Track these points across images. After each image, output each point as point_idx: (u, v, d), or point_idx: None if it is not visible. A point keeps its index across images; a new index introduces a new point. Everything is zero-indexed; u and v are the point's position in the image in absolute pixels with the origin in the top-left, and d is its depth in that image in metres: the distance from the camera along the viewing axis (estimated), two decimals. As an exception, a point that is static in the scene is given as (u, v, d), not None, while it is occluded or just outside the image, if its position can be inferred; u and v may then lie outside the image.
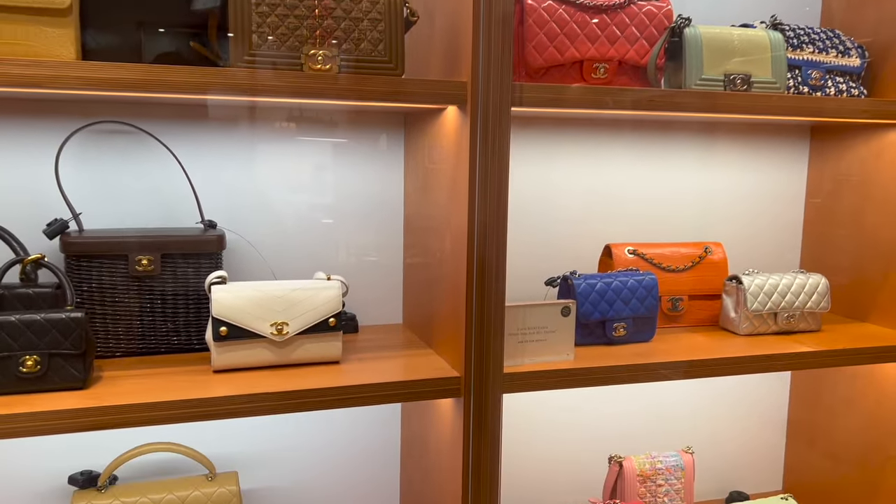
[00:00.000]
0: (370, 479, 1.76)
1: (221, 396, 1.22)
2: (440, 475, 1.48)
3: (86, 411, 1.15)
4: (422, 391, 1.34)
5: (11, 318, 1.19)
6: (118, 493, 1.46)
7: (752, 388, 2.03)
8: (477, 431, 1.34)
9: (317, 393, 1.27)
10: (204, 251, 1.42)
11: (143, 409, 1.18)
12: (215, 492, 1.50)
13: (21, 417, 1.12)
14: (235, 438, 1.65)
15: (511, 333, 1.39)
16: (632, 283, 1.56)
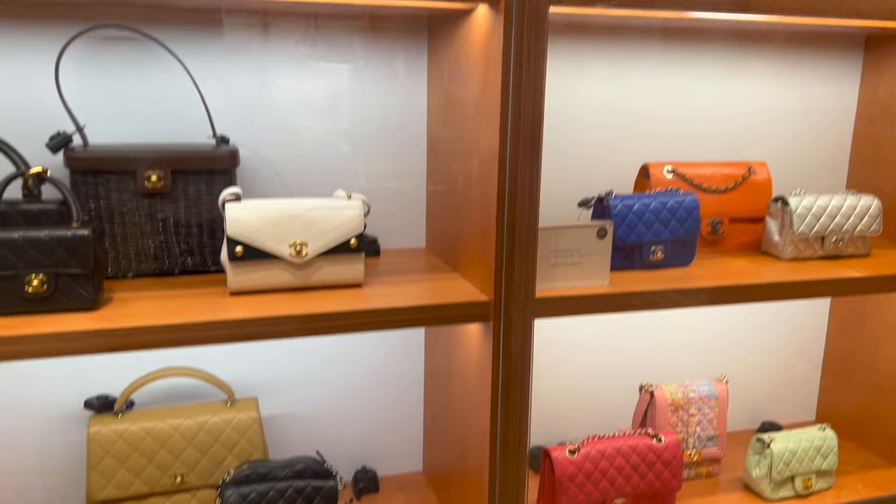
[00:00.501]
0: (392, 406, 1.71)
1: (239, 319, 1.16)
2: (466, 404, 1.42)
3: (96, 333, 1.09)
4: (449, 315, 1.27)
5: (14, 236, 1.12)
6: (135, 418, 1.42)
7: (789, 317, 1.95)
8: (507, 358, 1.27)
9: (338, 316, 1.20)
10: (216, 167, 1.34)
11: (156, 332, 1.11)
12: (234, 417, 1.46)
13: (29, 339, 1.07)
14: (254, 365, 1.60)
15: (543, 257, 1.31)
16: (672, 203, 1.46)
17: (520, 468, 1.32)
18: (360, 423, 1.69)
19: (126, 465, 1.40)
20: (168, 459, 1.42)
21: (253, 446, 1.46)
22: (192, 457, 1.43)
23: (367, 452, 1.71)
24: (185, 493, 1.44)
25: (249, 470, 1.34)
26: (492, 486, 1.32)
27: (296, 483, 1.33)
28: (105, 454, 1.39)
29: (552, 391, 1.77)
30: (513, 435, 1.31)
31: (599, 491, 1.50)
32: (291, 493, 1.32)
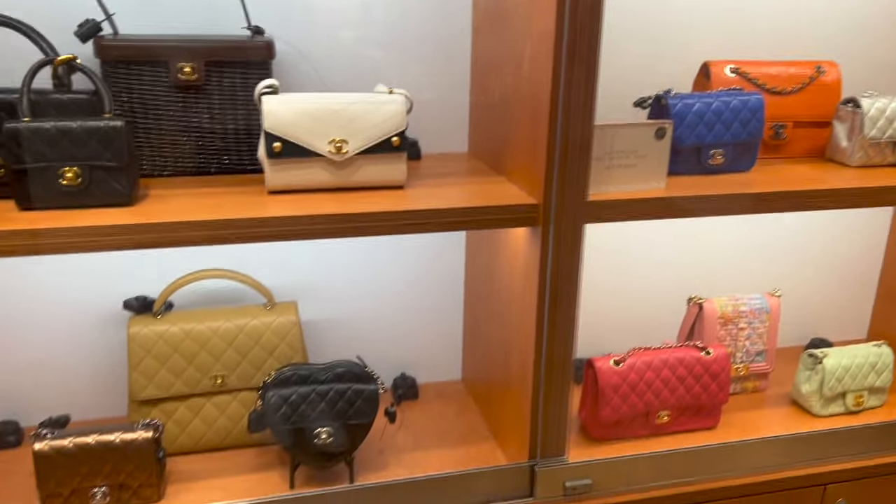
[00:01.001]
0: (432, 314, 1.68)
1: (278, 216, 1.11)
2: (510, 312, 1.38)
3: (132, 228, 1.05)
4: (495, 218, 1.21)
5: (46, 126, 1.07)
6: (174, 320, 1.41)
7: (846, 232, 1.86)
8: (555, 264, 1.22)
9: (380, 217, 1.15)
10: (252, 59, 1.27)
11: (193, 228, 1.08)
12: (274, 321, 1.44)
13: (65, 232, 1.03)
14: (293, 269, 1.56)
15: (597, 158, 1.23)
16: (735, 103, 1.37)
17: (564, 378, 1.29)
18: (400, 330, 1.67)
19: (166, 366, 1.39)
20: (208, 361, 1.41)
21: (293, 350, 1.44)
22: (232, 359, 1.41)
23: (407, 359, 1.69)
24: (226, 395, 1.43)
25: (290, 372, 1.32)
26: (535, 396, 1.29)
27: (337, 386, 1.31)
28: (146, 354, 1.38)
29: (595, 302, 1.72)
30: (558, 345, 1.26)
31: (644, 402, 1.47)
32: (332, 395, 1.31)
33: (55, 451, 1.23)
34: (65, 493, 1.25)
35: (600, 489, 1.35)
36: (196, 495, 1.32)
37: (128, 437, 1.26)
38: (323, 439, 1.30)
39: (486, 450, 1.47)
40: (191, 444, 1.43)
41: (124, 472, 1.26)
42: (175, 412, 1.41)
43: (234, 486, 1.34)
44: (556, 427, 1.31)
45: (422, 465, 1.42)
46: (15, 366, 1.48)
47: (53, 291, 1.46)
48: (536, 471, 1.31)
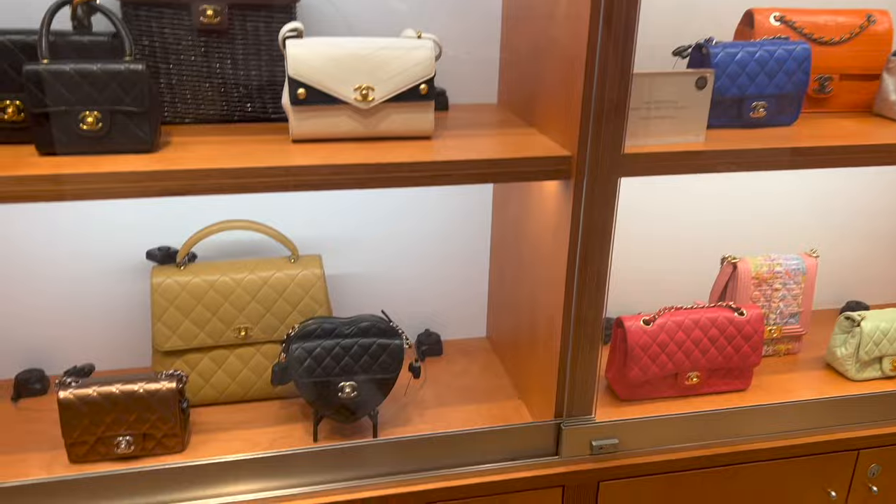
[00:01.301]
0: (458, 269, 1.65)
1: (302, 165, 1.08)
2: (538, 268, 1.34)
3: (153, 174, 1.03)
4: (526, 171, 1.16)
5: (66, 68, 1.04)
6: (197, 271, 1.39)
7: (888, 190, 1.79)
8: (587, 219, 1.18)
9: (408, 167, 1.11)
10: (276, 2, 1.22)
11: (216, 175, 1.05)
12: (298, 274, 1.41)
13: (85, 178, 1.01)
14: (317, 221, 1.54)
15: (634, 108, 1.18)
16: (780, 53, 1.30)
17: (593, 337, 1.25)
18: (425, 285, 1.64)
19: (190, 317, 1.38)
20: (232, 313, 1.39)
21: (317, 303, 1.42)
22: (255, 311, 1.40)
23: (431, 315, 1.67)
24: (250, 347, 1.42)
25: (315, 325, 1.30)
26: (562, 355, 1.26)
27: (361, 340, 1.29)
28: (169, 305, 1.37)
29: (625, 259, 1.67)
30: (588, 303, 1.23)
31: (674, 363, 1.44)
32: (357, 349, 1.29)
33: (79, 399, 1.23)
34: (90, 441, 1.25)
35: (627, 449, 1.32)
36: (219, 446, 1.31)
37: (151, 387, 1.25)
38: (347, 393, 1.28)
39: (511, 407, 1.45)
40: (214, 396, 1.42)
41: (148, 421, 1.26)
42: (199, 364, 1.40)
43: (258, 438, 1.34)
44: (583, 386, 1.29)
45: (445, 420, 1.40)
46: (40, 314, 1.48)
47: (77, 240, 1.45)
48: (563, 429, 1.29)
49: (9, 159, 1.05)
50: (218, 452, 1.29)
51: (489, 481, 1.27)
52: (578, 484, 1.32)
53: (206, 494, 1.19)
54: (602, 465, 1.31)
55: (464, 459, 1.27)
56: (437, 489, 1.25)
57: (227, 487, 1.19)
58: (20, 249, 1.43)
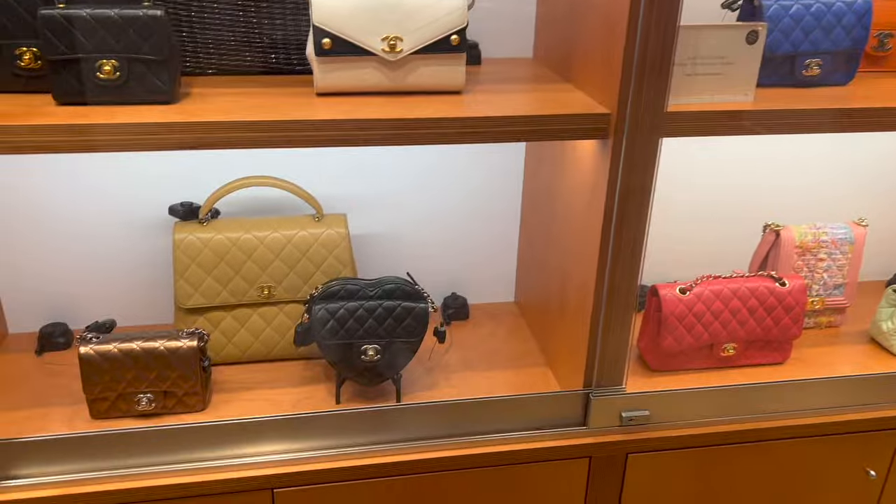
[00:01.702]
0: (486, 232, 1.60)
1: (326, 120, 1.03)
2: (571, 232, 1.29)
3: (170, 126, 0.99)
4: (561, 129, 1.10)
5: (82, 13, 1.00)
6: (220, 227, 1.36)
7: (945, 158, 1.70)
8: (625, 181, 1.11)
9: (436, 124, 1.06)
10: (301, -54, 1.16)
11: (236, 128, 1.00)
12: (323, 233, 1.38)
13: (99, 129, 0.97)
14: (343, 179, 1.49)
15: (680, 64, 1.11)
16: (838, 6, 1.21)
17: (627, 305, 1.20)
18: (452, 247, 1.60)
19: (212, 275, 1.35)
20: (254, 271, 1.36)
21: (341, 263, 1.38)
22: (279, 270, 1.37)
23: (458, 278, 1.63)
24: (273, 307, 1.39)
25: (338, 286, 1.27)
26: (594, 322, 1.21)
27: (385, 303, 1.26)
28: (191, 262, 1.34)
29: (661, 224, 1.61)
30: (622, 269, 1.17)
31: (710, 334, 1.38)
32: (381, 312, 1.25)
33: (100, 355, 1.21)
34: (111, 398, 1.24)
35: (658, 421, 1.28)
36: (241, 405, 1.30)
37: (172, 344, 1.23)
38: (370, 356, 1.25)
39: (539, 375, 1.41)
40: (237, 355, 1.40)
41: (169, 379, 1.24)
42: (221, 322, 1.38)
43: (280, 399, 1.32)
44: (614, 355, 1.24)
45: (471, 386, 1.37)
46: (64, 268, 1.47)
47: (102, 194, 1.42)
48: (591, 399, 1.24)
49: (24, 108, 1.02)
50: (239, 412, 1.28)
51: (514, 450, 1.23)
52: (606, 455, 1.28)
53: (225, 455, 1.17)
54: (631, 437, 1.27)
55: (488, 427, 1.24)
56: (460, 456, 1.22)
57: (246, 448, 1.17)
58: (44, 203, 1.41)
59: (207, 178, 1.39)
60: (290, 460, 1.18)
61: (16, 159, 1.34)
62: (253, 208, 1.47)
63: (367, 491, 1.22)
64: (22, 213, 1.41)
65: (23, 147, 0.96)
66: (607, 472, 1.29)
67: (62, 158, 1.38)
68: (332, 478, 1.19)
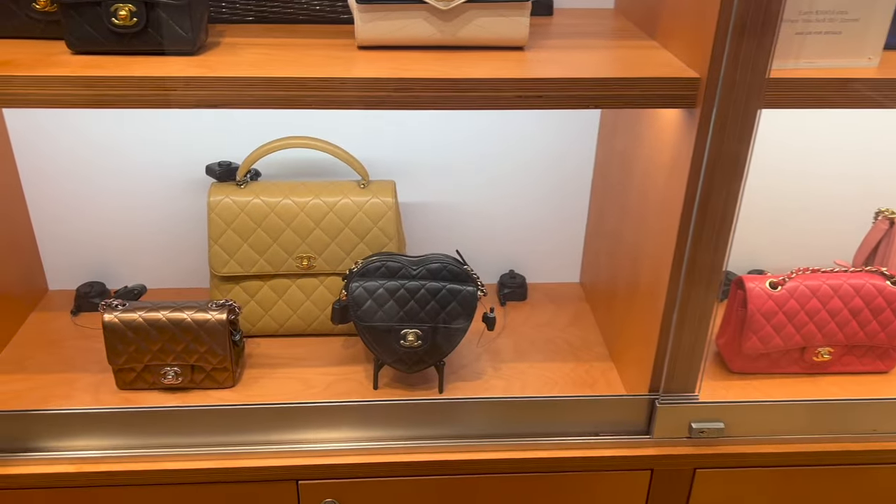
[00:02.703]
0: (551, 205, 1.44)
1: (362, 78, 0.89)
2: (648, 209, 1.12)
3: (188, 82, 0.87)
4: (641, 94, 0.93)
5: (95, -50, 0.89)
6: (258, 191, 1.25)
7: None
8: (714, 157, 0.94)
9: (491, 85, 0.91)
10: None
11: (259, 86, 0.88)
12: (368, 201, 1.25)
13: (112, 83, 0.87)
14: (391, 143, 1.36)
15: (789, 20, 0.92)
16: None
17: (708, 296, 1.03)
18: (512, 221, 1.45)
19: (249, 241, 1.25)
20: (294, 240, 1.26)
21: (387, 236, 1.26)
22: (319, 240, 1.26)
23: (516, 255, 1.48)
24: (313, 278, 1.29)
25: (378, 262, 1.15)
26: (667, 313, 1.05)
27: (429, 284, 1.13)
28: (226, 227, 1.24)
29: (750, 206, 1.42)
30: (705, 255, 1.00)
31: (802, 335, 1.20)
32: (424, 294, 1.13)
33: (124, 324, 1.14)
34: (137, 369, 1.17)
35: (734, 435, 1.12)
36: (273, 384, 1.21)
37: (200, 316, 1.15)
38: (410, 342, 1.13)
39: (599, 370, 1.27)
40: (274, 327, 1.31)
41: (196, 353, 1.16)
42: (258, 292, 1.29)
43: (314, 379, 1.22)
44: (688, 355, 1.08)
45: (522, 379, 1.23)
46: (103, 226, 1.40)
47: (143, 149, 1.34)
48: (657, 406, 1.09)
49: (35, 56, 0.92)
50: (270, 391, 1.19)
51: (566, 457, 1.10)
52: (670, 469, 1.13)
53: (248, 440, 1.08)
54: (701, 451, 1.12)
55: (538, 429, 1.11)
56: (505, 460, 1.10)
57: (272, 434, 1.08)
58: (84, 156, 1.34)
59: (252, 135, 1.28)
60: (318, 451, 1.09)
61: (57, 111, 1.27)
62: (295, 171, 1.36)
63: (398, 490, 1.11)
64: (62, 167, 1.34)
65: (29, 100, 0.87)
66: (671, 488, 1.15)
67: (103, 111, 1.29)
68: (362, 473, 1.09)
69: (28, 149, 1.32)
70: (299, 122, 1.30)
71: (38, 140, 1.32)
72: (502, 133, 1.37)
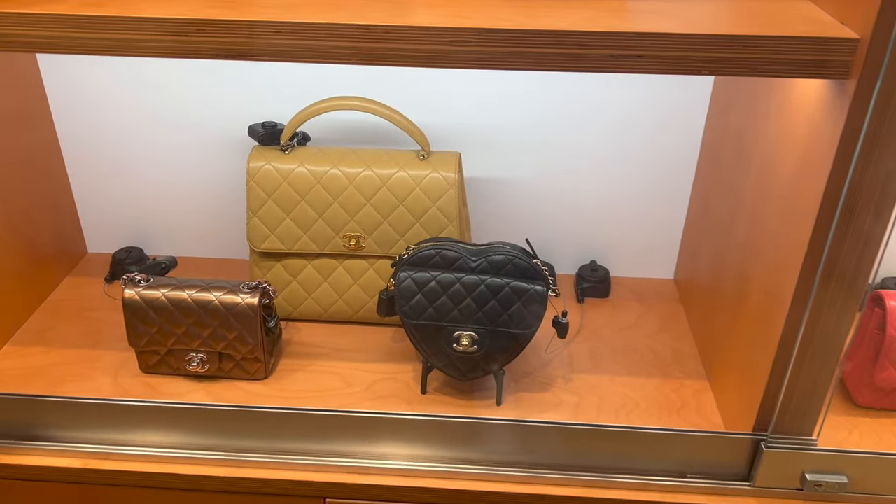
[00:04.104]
0: (643, 187, 1.23)
1: (409, 27, 0.70)
2: (772, 198, 0.90)
3: (204, 26, 0.71)
4: (773, 59, 0.71)
5: None
6: (304, 158, 1.10)
7: None
8: (871, 142, 0.71)
9: (575, 41, 0.70)
10: None
11: (285, 33, 0.71)
12: (427, 176, 1.08)
13: (112, 24, 0.72)
14: (455, 107, 1.18)
15: None
16: None
17: (847, 311, 0.81)
18: (595, 204, 1.24)
19: (292, 215, 1.10)
20: (341, 216, 1.10)
21: (447, 217, 1.08)
22: (370, 217, 1.09)
23: (599, 244, 1.28)
24: (362, 260, 1.13)
25: (433, 250, 0.97)
26: (790, 328, 0.83)
27: (490, 279, 0.95)
28: (267, 197, 1.10)
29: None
30: (849, 262, 0.78)
31: (957, 371, 0.96)
32: (483, 290, 0.95)
33: (146, 302, 1.01)
34: (160, 352, 1.05)
35: (860, 492, 0.90)
36: (309, 379, 1.07)
37: (229, 299, 1.01)
38: (464, 346, 0.96)
39: (691, 390, 1.06)
40: (318, 312, 1.16)
41: (225, 340, 1.03)
42: (301, 272, 1.14)
43: (356, 376, 1.07)
44: (811, 387, 0.86)
45: (596, 394, 1.04)
46: (141, 189, 1.28)
47: (188, 107, 1.20)
48: (763, 449, 0.88)
49: (32, -9, 0.78)
50: (306, 386, 1.06)
51: (644, 500, 0.91)
52: (774, 526, 0.92)
53: (274, 448, 0.94)
54: (815, 508, 0.90)
55: (612, 462, 0.92)
56: (569, 497, 0.91)
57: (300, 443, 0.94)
58: (122, 115, 1.21)
59: (301, 93, 1.13)
60: (350, 467, 0.93)
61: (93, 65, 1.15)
62: (347, 136, 1.20)
63: (440, 519, 0.95)
64: (100, 123, 1.23)
65: (13, 43, 0.73)
66: (772, 548, 0.94)
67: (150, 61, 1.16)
68: (398, 496, 0.93)
69: (65, 106, 1.21)
70: (353, 78, 1.13)
71: (75, 97, 1.20)
72: (586, 98, 1.16)
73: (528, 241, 1.00)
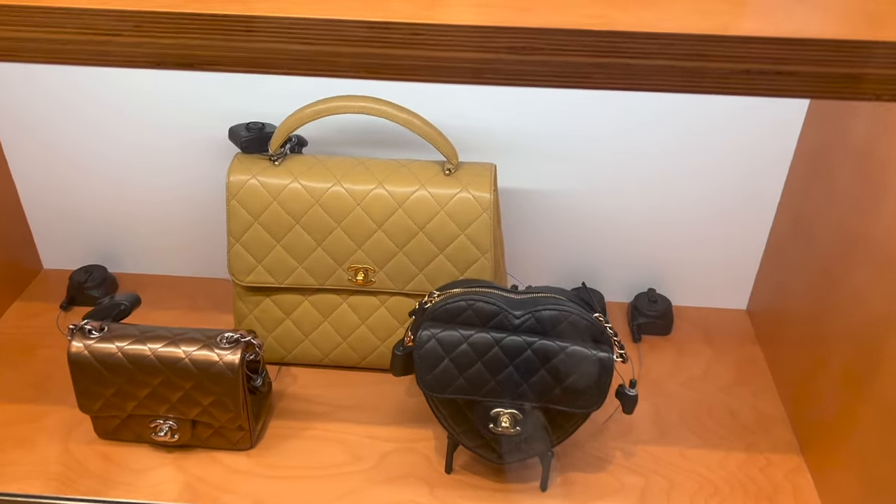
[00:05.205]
0: (713, 207, 1.00)
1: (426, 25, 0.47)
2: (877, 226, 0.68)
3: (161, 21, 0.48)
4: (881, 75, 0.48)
5: None
6: (299, 171, 0.87)
7: None
8: None
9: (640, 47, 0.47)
10: None
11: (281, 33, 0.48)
12: (455, 196, 0.85)
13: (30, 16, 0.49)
14: (488, 114, 0.94)
15: None
16: None
17: None
18: (654, 224, 1.02)
19: (283, 242, 0.88)
20: (346, 246, 0.87)
21: (479, 248, 0.86)
22: (381, 247, 0.87)
23: (657, 270, 1.05)
24: (371, 297, 0.91)
25: (464, 302, 0.75)
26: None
27: (539, 342, 0.73)
28: (253, 220, 0.87)
29: None
30: None
31: None
32: (529, 356, 0.73)
33: (98, 359, 0.80)
34: (120, 416, 0.84)
35: None
36: (306, 448, 0.86)
37: (202, 356, 0.79)
38: (503, 427, 0.75)
39: (781, 469, 0.85)
40: (317, 357, 0.95)
41: (198, 406, 0.82)
42: (295, 309, 0.92)
43: (364, 448, 0.86)
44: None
45: (664, 473, 0.83)
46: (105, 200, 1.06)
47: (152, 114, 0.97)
48: (895, 573, 0.67)
49: None
50: (301, 461, 0.85)
51: None
52: None
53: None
54: None
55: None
56: None
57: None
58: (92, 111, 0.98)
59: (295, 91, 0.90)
60: (356, 578, 0.73)
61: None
62: (352, 143, 0.97)
63: None
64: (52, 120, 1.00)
65: None
66: None
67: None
68: None
69: (5, 97, 0.98)
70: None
71: (18, 87, 0.97)
72: (647, 103, 0.92)
73: (585, 286, 0.78)
